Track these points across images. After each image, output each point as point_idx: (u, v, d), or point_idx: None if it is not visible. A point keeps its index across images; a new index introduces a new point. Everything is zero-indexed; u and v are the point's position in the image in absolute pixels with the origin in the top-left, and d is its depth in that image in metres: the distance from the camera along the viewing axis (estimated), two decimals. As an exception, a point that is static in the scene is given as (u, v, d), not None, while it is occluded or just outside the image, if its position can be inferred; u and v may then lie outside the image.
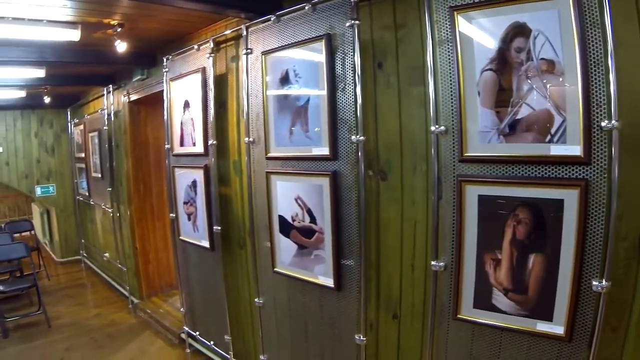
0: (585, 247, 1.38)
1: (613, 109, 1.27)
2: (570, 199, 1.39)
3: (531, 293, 1.51)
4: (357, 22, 1.88)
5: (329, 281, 2.18)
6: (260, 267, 2.65)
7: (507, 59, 1.49)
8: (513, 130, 1.50)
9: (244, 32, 2.49)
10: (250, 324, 2.91)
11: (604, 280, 1.34)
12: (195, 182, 3.10)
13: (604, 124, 1.29)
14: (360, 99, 1.91)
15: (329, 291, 2.21)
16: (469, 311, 1.67)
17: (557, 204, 1.42)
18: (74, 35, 2.82)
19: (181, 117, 3.19)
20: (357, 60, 1.90)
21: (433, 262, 1.74)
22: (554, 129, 1.41)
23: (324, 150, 2.10)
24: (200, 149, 2.98)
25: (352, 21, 1.89)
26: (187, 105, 3.11)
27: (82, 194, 6.14)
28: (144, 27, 3.04)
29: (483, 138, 1.57)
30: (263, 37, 2.40)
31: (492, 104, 1.54)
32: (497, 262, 1.58)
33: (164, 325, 4.05)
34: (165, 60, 3.30)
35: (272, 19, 2.29)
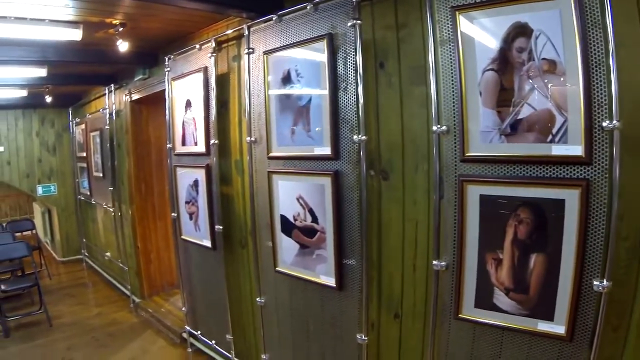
0: (587, 247, 1.38)
1: (614, 109, 1.27)
2: (572, 199, 1.39)
3: (532, 293, 1.51)
4: (359, 22, 1.89)
5: (330, 281, 2.18)
6: (262, 267, 2.66)
7: (509, 59, 1.49)
8: (514, 130, 1.50)
9: (245, 32, 2.50)
10: (252, 324, 2.91)
11: (605, 280, 1.34)
12: (197, 182, 3.11)
13: (605, 124, 1.29)
14: (362, 99, 1.91)
15: (330, 291, 2.21)
16: (470, 311, 1.68)
17: (558, 204, 1.42)
18: (76, 34, 2.83)
19: (183, 116, 3.19)
20: (358, 60, 1.90)
21: (434, 262, 1.75)
22: (555, 129, 1.41)
23: (325, 150, 2.11)
24: (202, 148, 2.99)
25: (354, 21, 1.89)
26: (188, 105, 3.12)
27: (83, 193, 6.15)
28: (145, 26, 3.04)
29: (485, 138, 1.57)
30: (265, 36, 2.41)
31: (494, 103, 1.54)
32: (498, 262, 1.58)
33: (165, 325, 4.06)
34: (167, 59, 3.31)
35: (273, 18, 2.29)
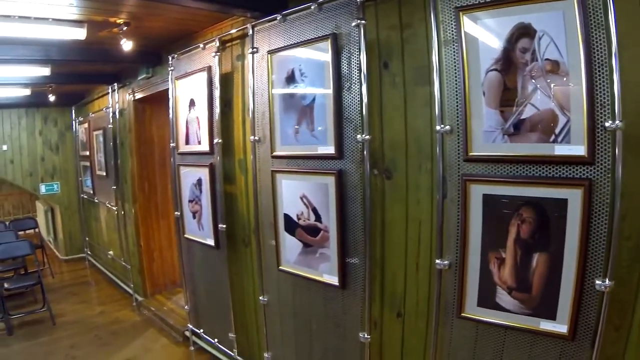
0: (589, 247, 1.39)
1: (617, 109, 1.28)
2: (574, 198, 1.40)
3: (535, 292, 1.52)
4: (363, 22, 1.90)
5: (333, 279, 2.19)
6: (265, 265, 2.67)
7: (512, 59, 1.50)
8: (517, 130, 1.51)
9: (249, 31, 2.51)
10: (255, 322, 2.92)
11: (607, 279, 1.35)
12: (200, 181, 3.12)
13: (607, 124, 1.30)
14: (365, 99, 1.92)
15: (333, 289, 2.22)
16: (473, 310, 1.68)
17: (561, 204, 1.43)
18: (80, 33, 2.84)
19: (186, 115, 3.21)
20: (362, 59, 1.91)
21: (437, 261, 1.76)
22: (558, 129, 1.42)
23: (329, 149, 2.12)
24: (205, 147, 3.00)
25: (358, 21, 1.90)
26: (192, 104, 3.13)
27: (86, 192, 6.17)
28: (149, 25, 3.06)
29: (488, 138, 1.58)
30: (269, 36, 2.42)
31: (497, 103, 1.55)
32: (501, 261, 1.59)
33: (168, 323, 4.07)
34: (170, 58, 3.32)
35: (278, 18, 2.30)
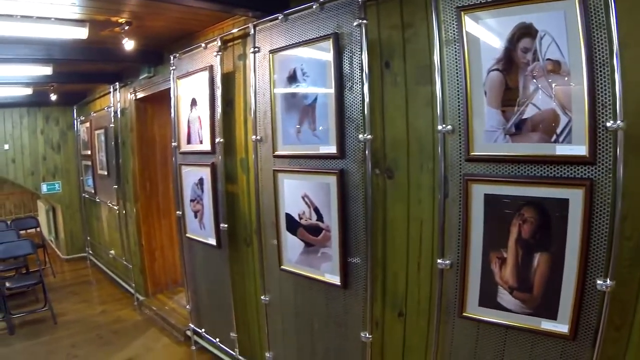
0: (590, 247, 1.39)
1: (618, 109, 1.28)
2: (575, 198, 1.40)
3: (536, 292, 1.52)
4: (365, 22, 1.90)
5: (335, 279, 2.20)
6: (267, 265, 2.67)
7: (514, 59, 1.50)
8: (519, 130, 1.51)
9: (251, 31, 2.51)
10: (256, 321, 2.93)
11: (608, 279, 1.35)
12: (202, 180, 3.12)
13: (609, 124, 1.30)
14: (367, 98, 1.93)
15: (335, 289, 2.22)
16: (474, 309, 1.69)
17: (562, 204, 1.43)
18: (81, 33, 2.84)
19: (188, 114, 3.21)
20: (364, 59, 1.91)
21: (439, 260, 1.76)
22: (559, 129, 1.42)
23: (331, 149, 2.12)
24: (207, 146, 3.00)
25: (360, 20, 1.90)
26: (194, 103, 3.13)
27: (88, 191, 6.18)
28: (151, 25, 3.06)
29: (489, 137, 1.58)
30: (270, 35, 2.42)
31: (499, 103, 1.55)
32: (502, 261, 1.59)
33: (169, 323, 4.08)
34: (172, 58, 3.32)
35: (279, 17, 2.30)
